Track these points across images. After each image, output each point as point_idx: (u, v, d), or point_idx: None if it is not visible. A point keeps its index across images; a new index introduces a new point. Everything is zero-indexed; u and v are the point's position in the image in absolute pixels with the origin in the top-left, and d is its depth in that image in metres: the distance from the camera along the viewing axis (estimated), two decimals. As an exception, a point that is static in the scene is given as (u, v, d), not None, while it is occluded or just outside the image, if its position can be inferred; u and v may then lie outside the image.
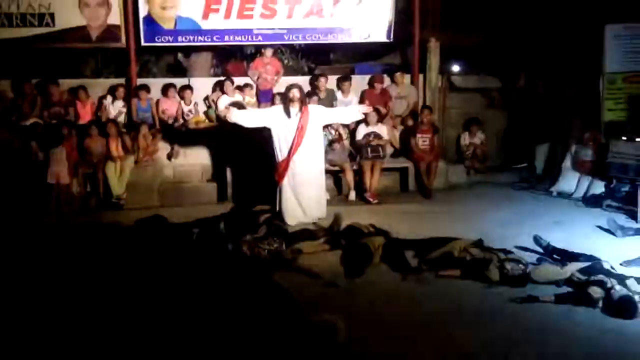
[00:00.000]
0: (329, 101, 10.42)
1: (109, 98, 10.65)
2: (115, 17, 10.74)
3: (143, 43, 10.86)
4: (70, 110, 10.47)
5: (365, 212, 8.90)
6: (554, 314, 5.52)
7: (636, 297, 5.57)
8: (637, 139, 9.00)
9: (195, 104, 10.81)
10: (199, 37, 10.97)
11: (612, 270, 6.08)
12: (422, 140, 10.42)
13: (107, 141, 9.81)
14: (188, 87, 10.87)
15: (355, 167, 9.99)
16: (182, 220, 8.00)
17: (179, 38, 10.93)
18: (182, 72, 12.19)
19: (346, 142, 10.25)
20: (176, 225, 7.84)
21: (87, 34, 10.74)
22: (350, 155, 10.13)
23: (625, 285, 5.69)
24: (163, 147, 10.43)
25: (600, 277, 5.86)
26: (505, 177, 11.07)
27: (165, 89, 10.79)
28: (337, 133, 10.10)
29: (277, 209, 8.46)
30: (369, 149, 9.95)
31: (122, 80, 11.02)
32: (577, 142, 10.24)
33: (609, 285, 5.69)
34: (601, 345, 4.95)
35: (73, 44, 10.89)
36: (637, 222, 8.18)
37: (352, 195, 9.86)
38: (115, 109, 10.60)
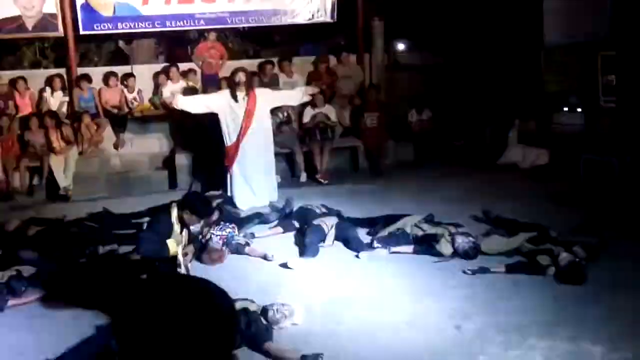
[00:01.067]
0: (272, 86, 10.32)
1: (48, 89, 10.36)
2: (51, 6, 10.39)
3: (82, 31, 10.57)
4: (10, 103, 10.14)
5: (317, 192, 8.91)
6: (505, 283, 5.64)
7: (583, 263, 5.74)
8: (578, 110, 9.22)
9: (140, 91, 10.61)
10: (140, 23, 10.73)
11: (559, 239, 6.24)
12: (370, 119, 10.47)
13: (47, 133, 9.57)
14: (131, 74, 10.65)
15: (305, 149, 9.98)
16: (131, 210, 7.87)
17: (119, 25, 10.68)
18: (124, 59, 11.93)
19: (295, 124, 10.22)
20: (125, 216, 7.71)
21: (23, 23, 10.38)
22: (299, 137, 10.11)
23: (572, 252, 5.84)
24: (108, 137, 10.23)
25: (548, 245, 6.01)
26: (452, 153, 11.21)
27: (106, 78, 10.55)
28: (285, 116, 10.06)
29: (229, 193, 8.41)
30: (318, 131, 9.94)
31: (62, 70, 10.73)
32: (521, 115, 10.43)
33: (556, 252, 5.84)
34: (552, 311, 5.07)
35: (8, 35, 10.53)
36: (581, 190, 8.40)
37: (303, 176, 9.86)
38: (56, 99, 10.31)
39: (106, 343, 4.27)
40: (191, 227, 6.52)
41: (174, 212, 5.65)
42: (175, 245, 5.63)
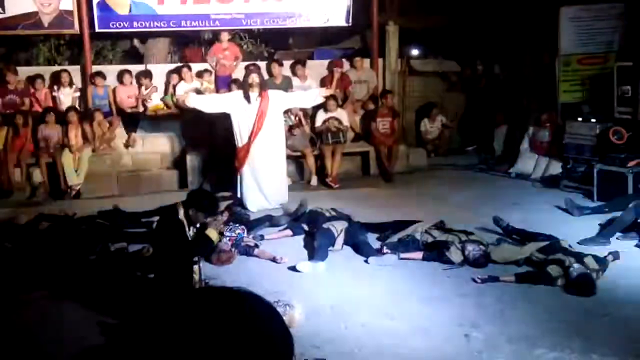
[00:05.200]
0: (285, 88, 10.31)
1: (56, 86, 10.38)
2: (67, 3, 10.43)
3: (97, 29, 10.61)
4: (26, 100, 10.18)
5: (327, 196, 8.88)
6: (514, 293, 5.60)
7: (593, 275, 5.69)
8: (592, 120, 9.15)
9: (154, 87, 10.62)
10: (155, 23, 10.77)
11: (570, 249, 6.19)
12: (382, 125, 10.45)
13: (66, 129, 9.59)
14: (147, 73, 10.67)
15: (316, 153, 9.97)
16: (142, 209, 7.87)
17: (134, 24, 10.72)
18: (138, 58, 11.97)
19: (306, 128, 10.21)
20: (135, 214, 7.72)
21: (39, 20, 10.44)
22: (311, 141, 10.10)
23: (583, 263, 5.79)
24: (121, 135, 10.25)
25: (559, 255, 5.95)
26: (464, 160, 11.19)
27: (120, 76, 10.59)
28: (297, 118, 10.06)
29: (238, 195, 8.40)
30: (330, 134, 9.92)
31: (76, 68, 10.78)
32: (534, 124, 10.37)
33: (567, 263, 5.78)
34: (562, 322, 5.03)
35: (24, 31, 10.58)
36: (593, 201, 8.34)
37: (314, 180, 9.85)
38: (67, 96, 10.32)
39: None
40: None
41: (181, 211, 5.63)
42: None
